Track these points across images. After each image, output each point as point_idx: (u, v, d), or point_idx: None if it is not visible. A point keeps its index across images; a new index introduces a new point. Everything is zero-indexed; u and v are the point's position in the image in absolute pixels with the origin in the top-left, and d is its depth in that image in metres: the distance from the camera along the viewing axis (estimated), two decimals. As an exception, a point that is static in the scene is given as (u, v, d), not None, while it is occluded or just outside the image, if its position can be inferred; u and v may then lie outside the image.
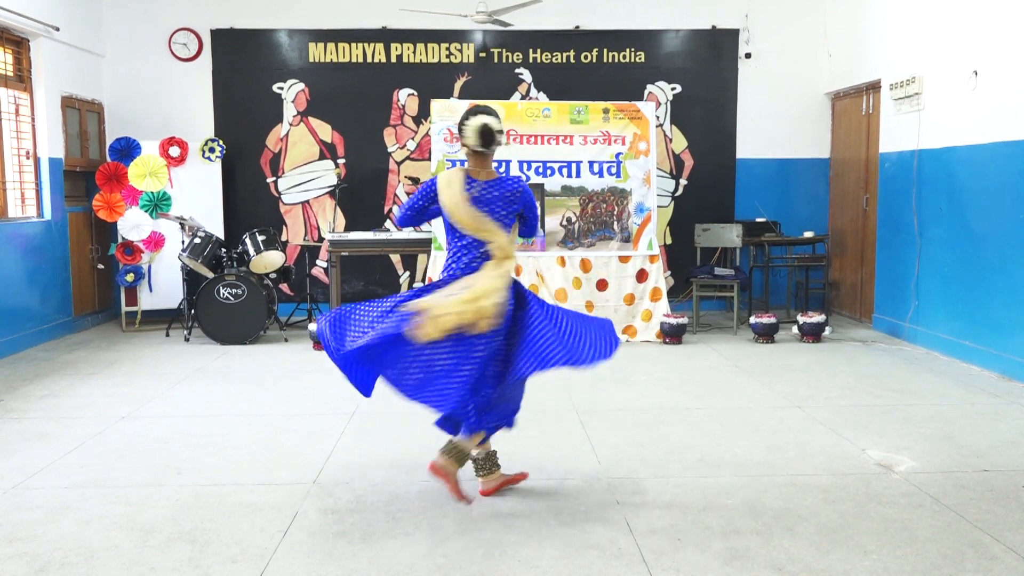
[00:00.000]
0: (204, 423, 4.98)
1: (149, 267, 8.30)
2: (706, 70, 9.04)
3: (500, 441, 4.35)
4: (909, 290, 7.32)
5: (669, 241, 9.11)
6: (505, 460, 4.21)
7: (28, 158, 7.58)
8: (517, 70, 8.96)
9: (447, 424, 3.89)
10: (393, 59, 8.91)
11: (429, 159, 8.21)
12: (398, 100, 8.93)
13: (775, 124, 9.06)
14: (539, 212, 3.72)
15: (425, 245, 7.88)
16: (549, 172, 7.65)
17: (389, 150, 8.96)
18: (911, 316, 7.28)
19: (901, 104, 7.44)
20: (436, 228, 7.58)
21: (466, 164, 3.87)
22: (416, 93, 8.91)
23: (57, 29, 7.65)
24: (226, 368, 6.51)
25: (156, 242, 8.25)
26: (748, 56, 9.00)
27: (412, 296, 3.67)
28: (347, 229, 8.80)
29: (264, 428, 4.86)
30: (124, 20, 8.78)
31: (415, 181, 8.94)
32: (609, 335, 3.74)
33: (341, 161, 8.94)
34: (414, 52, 8.91)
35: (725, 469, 4.12)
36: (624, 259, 7.63)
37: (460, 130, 3.79)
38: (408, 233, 8.60)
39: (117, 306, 8.66)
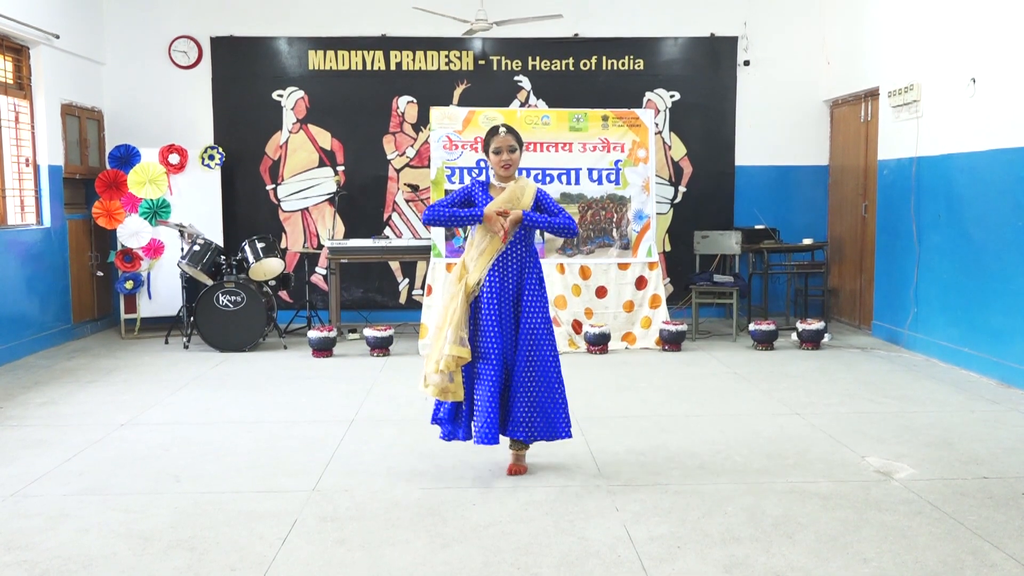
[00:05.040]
0: (203, 430, 4.97)
1: (148, 274, 8.30)
2: (705, 77, 9.06)
3: (500, 447, 4.35)
4: (908, 297, 7.32)
5: (668, 248, 9.12)
6: (503, 467, 4.21)
7: (28, 166, 7.59)
8: (516, 77, 8.98)
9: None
10: (392, 67, 8.93)
11: (428, 166, 8.21)
12: (397, 107, 8.95)
13: (774, 131, 9.08)
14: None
15: (424, 252, 7.89)
16: (548, 179, 7.66)
17: (388, 157, 8.97)
18: (910, 323, 7.28)
19: (900, 111, 7.45)
20: (436, 235, 7.59)
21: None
22: (415, 100, 8.92)
23: (57, 37, 7.66)
24: (225, 375, 6.50)
25: (155, 249, 8.25)
26: (747, 64, 9.02)
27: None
28: (346, 236, 8.81)
29: (263, 435, 4.86)
30: (124, 28, 8.80)
31: (414, 188, 8.95)
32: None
33: (340, 168, 8.95)
34: (413, 60, 8.93)
35: (724, 476, 4.12)
36: (623, 266, 7.64)
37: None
38: (407, 240, 8.62)
39: (116, 313, 8.66)
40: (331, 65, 8.91)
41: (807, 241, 8.36)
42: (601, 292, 7.59)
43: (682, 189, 9.12)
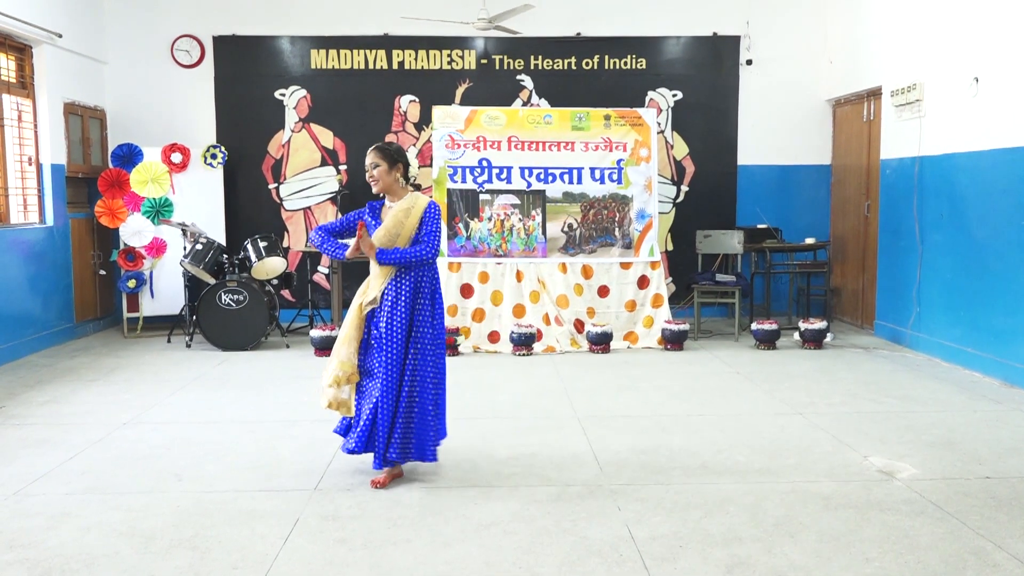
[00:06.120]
0: (205, 430, 4.97)
1: (151, 273, 8.31)
2: (707, 77, 9.06)
3: (502, 447, 4.35)
4: (910, 296, 7.31)
5: (670, 247, 9.11)
6: (505, 467, 4.21)
7: (30, 164, 7.60)
8: (518, 77, 8.98)
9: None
10: (395, 66, 8.93)
11: (431, 166, 8.21)
12: (400, 107, 8.95)
13: (776, 131, 9.07)
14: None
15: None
16: (550, 178, 7.65)
17: (391, 156, 8.95)
18: (912, 322, 7.27)
19: (902, 111, 7.44)
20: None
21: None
22: (418, 100, 8.93)
23: (60, 36, 7.67)
24: (227, 374, 6.50)
25: (158, 248, 8.26)
26: (749, 63, 9.01)
27: None
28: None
29: (265, 434, 4.86)
30: (126, 27, 8.81)
31: (416, 188, 8.94)
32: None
33: (343, 167, 8.95)
34: (415, 59, 8.94)
35: (726, 476, 4.12)
36: (625, 265, 7.63)
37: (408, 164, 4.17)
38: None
39: (119, 312, 8.66)
40: (333, 64, 8.92)
41: (809, 240, 8.35)
42: (603, 291, 7.59)
43: (684, 188, 9.12)
